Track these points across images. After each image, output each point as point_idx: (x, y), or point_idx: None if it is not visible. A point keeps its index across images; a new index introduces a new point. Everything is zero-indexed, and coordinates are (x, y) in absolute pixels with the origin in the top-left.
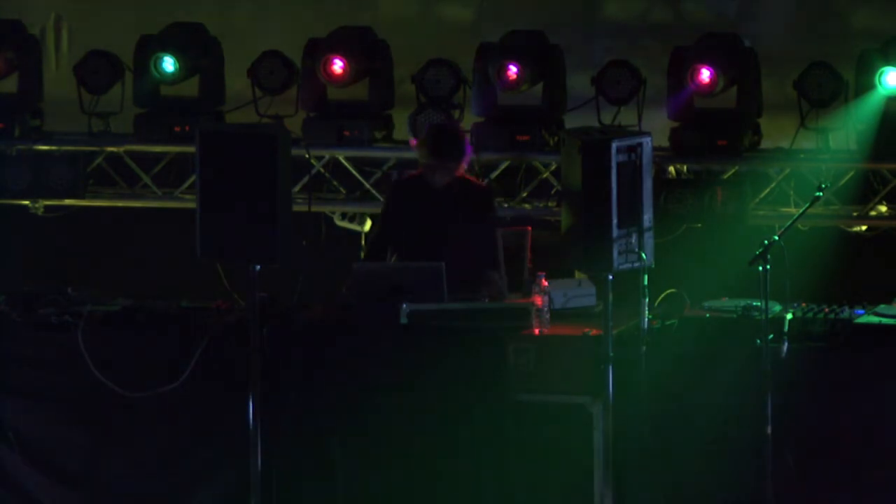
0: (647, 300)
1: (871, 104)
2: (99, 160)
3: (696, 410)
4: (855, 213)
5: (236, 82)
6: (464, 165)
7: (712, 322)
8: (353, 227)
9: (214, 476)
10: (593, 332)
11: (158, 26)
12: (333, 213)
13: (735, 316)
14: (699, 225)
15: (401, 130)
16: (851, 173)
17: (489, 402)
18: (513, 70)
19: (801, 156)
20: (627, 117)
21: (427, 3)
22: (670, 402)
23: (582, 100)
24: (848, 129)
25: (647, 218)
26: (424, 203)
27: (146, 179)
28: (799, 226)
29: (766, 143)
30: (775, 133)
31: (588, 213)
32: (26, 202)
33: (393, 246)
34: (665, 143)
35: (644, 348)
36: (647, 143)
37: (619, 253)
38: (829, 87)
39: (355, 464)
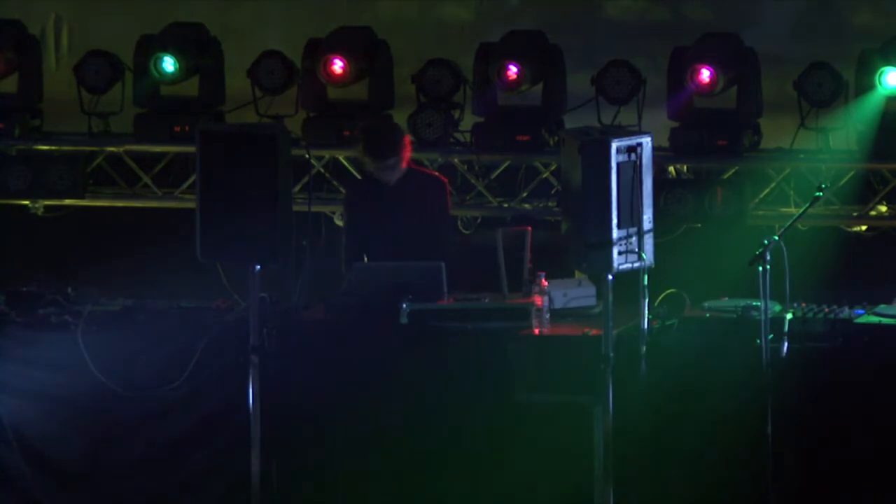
0: (647, 300)
1: (871, 104)
2: (99, 160)
3: (696, 410)
4: (855, 213)
5: (236, 82)
6: (406, 157)
7: (712, 322)
8: None
9: (214, 476)
10: (593, 332)
11: (158, 26)
12: (333, 213)
13: (735, 316)
14: (699, 225)
15: None
16: (851, 173)
17: (489, 401)
18: (513, 70)
19: (801, 156)
20: (627, 117)
21: (427, 3)
22: (670, 402)
23: (582, 100)
24: (848, 129)
25: (647, 218)
26: (378, 203)
27: (146, 179)
28: (799, 226)
29: (766, 143)
30: (775, 133)
31: (588, 213)
32: (26, 202)
33: (359, 249)
34: (665, 143)
35: (644, 348)
36: (647, 143)
37: (619, 253)
38: (829, 87)
39: (355, 464)
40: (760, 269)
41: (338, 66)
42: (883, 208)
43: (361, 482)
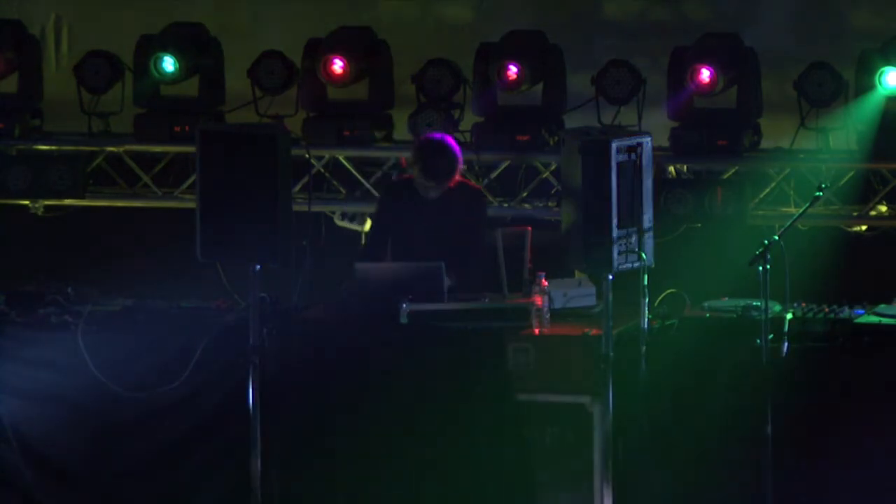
0: (647, 300)
1: (871, 104)
2: (99, 160)
3: (695, 410)
4: (855, 213)
5: (236, 82)
6: (457, 177)
7: (712, 322)
8: (353, 226)
9: (214, 476)
10: (593, 332)
11: (158, 26)
12: (333, 213)
13: (735, 316)
14: (699, 225)
15: (401, 130)
16: (851, 173)
17: (489, 401)
18: (513, 70)
19: (801, 156)
20: (627, 117)
21: (427, 3)
22: (670, 402)
23: (582, 100)
24: (848, 129)
25: (647, 218)
26: (416, 208)
27: (146, 179)
28: (799, 226)
29: (766, 143)
30: (775, 133)
31: (588, 213)
32: (26, 202)
33: (387, 250)
34: (665, 143)
35: (644, 348)
36: (647, 143)
37: (619, 253)
38: (829, 87)
39: (355, 464)
40: (760, 269)
41: (338, 66)
42: (883, 208)
43: (361, 482)
